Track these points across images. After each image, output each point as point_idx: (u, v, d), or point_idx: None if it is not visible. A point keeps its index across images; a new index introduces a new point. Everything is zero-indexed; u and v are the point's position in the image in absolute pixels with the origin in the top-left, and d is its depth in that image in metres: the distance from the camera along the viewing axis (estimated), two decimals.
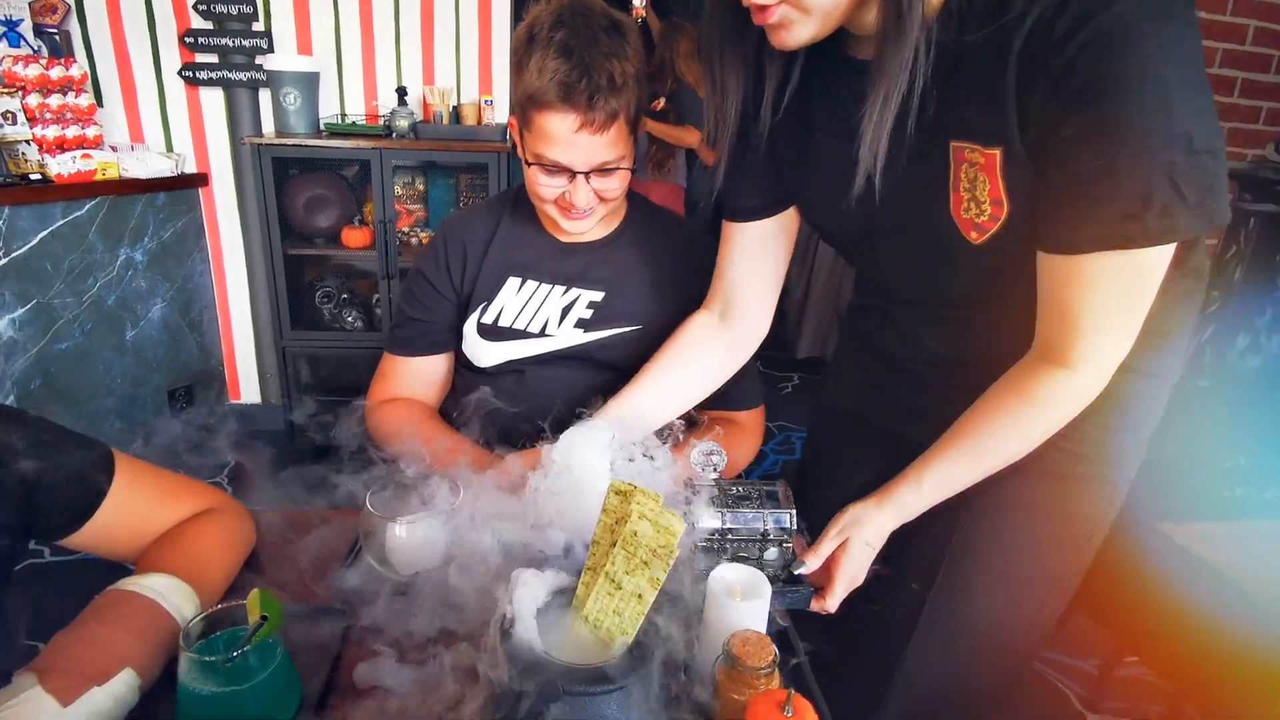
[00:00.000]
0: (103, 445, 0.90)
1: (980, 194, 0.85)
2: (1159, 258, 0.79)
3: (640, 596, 0.72)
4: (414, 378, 1.37)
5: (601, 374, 1.31)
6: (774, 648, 0.75)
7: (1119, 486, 1.04)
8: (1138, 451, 1.04)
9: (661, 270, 1.31)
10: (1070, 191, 0.78)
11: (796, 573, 0.99)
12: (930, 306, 1.04)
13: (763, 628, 0.83)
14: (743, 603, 0.82)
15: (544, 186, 1.16)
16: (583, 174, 1.13)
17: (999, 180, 0.82)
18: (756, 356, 1.28)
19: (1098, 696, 2.11)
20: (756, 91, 0.99)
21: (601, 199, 1.18)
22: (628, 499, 0.75)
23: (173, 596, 0.81)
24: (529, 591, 0.77)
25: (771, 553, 1.00)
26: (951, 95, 0.82)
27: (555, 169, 1.14)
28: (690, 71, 4.00)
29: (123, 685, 0.72)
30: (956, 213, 0.88)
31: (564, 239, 1.31)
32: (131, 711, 0.73)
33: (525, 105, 1.12)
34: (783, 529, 0.99)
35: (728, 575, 0.86)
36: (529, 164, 1.16)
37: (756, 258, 1.14)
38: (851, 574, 0.97)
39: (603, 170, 1.14)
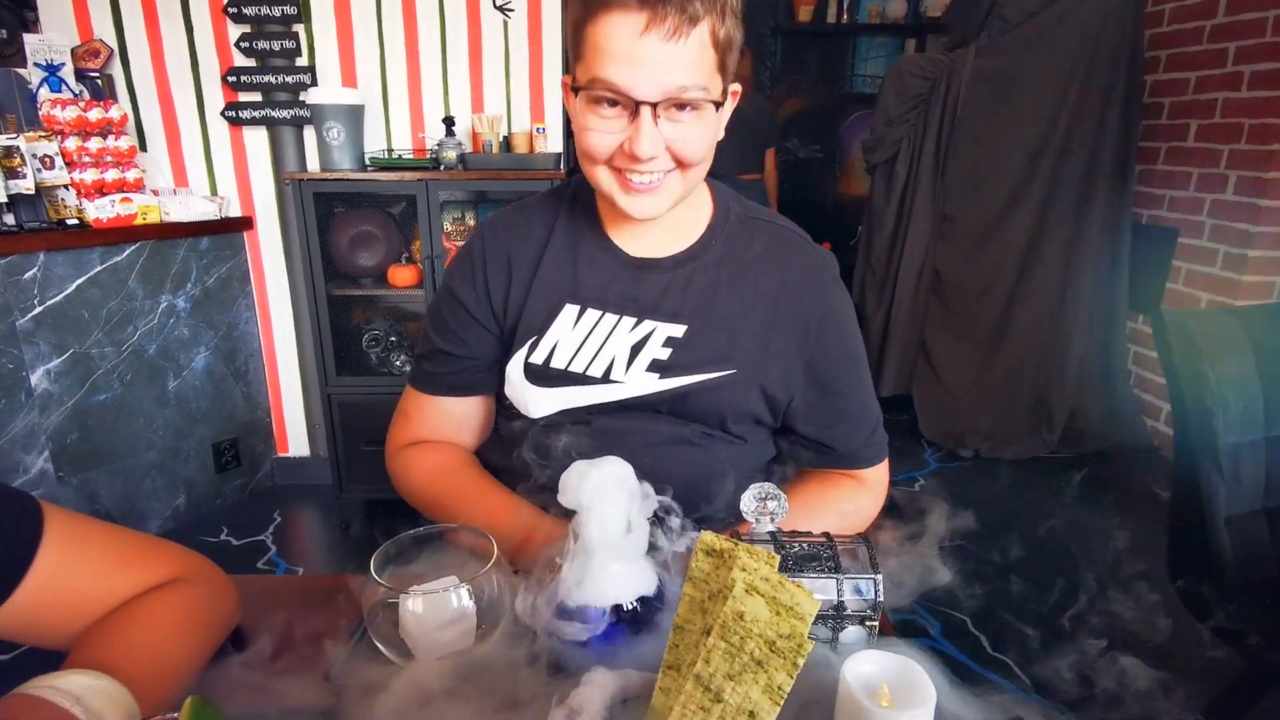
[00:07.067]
0: (28, 498, 0.69)
1: None
2: None
3: (753, 716, 0.47)
4: (443, 419, 1.10)
5: (687, 425, 1.02)
6: None
7: None
8: None
9: (763, 293, 1.00)
10: None
11: None
12: None
13: None
14: (896, 712, 0.56)
15: (595, 132, 0.84)
16: (649, 104, 0.81)
17: None
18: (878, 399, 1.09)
19: None
20: None
21: (677, 158, 0.86)
22: (726, 563, 0.51)
23: (95, 702, 0.58)
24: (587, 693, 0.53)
25: (850, 633, 0.73)
26: None
27: (611, 98, 0.82)
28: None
29: None
30: None
31: (634, 251, 1.00)
32: None
33: (578, 24, 0.83)
34: (865, 601, 0.73)
35: (868, 668, 0.60)
36: (577, 92, 0.84)
37: None
38: None
39: (678, 103, 0.82)
